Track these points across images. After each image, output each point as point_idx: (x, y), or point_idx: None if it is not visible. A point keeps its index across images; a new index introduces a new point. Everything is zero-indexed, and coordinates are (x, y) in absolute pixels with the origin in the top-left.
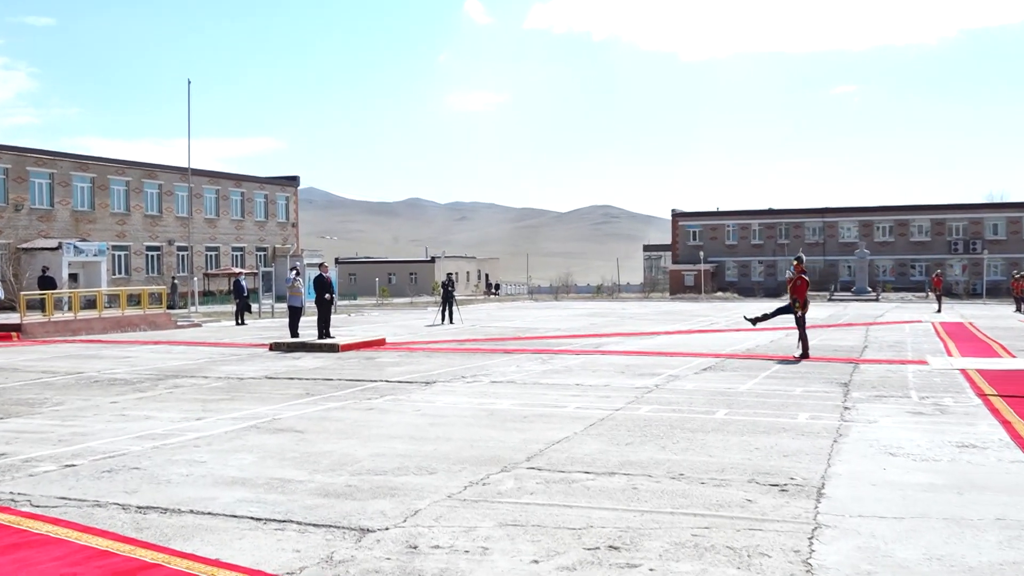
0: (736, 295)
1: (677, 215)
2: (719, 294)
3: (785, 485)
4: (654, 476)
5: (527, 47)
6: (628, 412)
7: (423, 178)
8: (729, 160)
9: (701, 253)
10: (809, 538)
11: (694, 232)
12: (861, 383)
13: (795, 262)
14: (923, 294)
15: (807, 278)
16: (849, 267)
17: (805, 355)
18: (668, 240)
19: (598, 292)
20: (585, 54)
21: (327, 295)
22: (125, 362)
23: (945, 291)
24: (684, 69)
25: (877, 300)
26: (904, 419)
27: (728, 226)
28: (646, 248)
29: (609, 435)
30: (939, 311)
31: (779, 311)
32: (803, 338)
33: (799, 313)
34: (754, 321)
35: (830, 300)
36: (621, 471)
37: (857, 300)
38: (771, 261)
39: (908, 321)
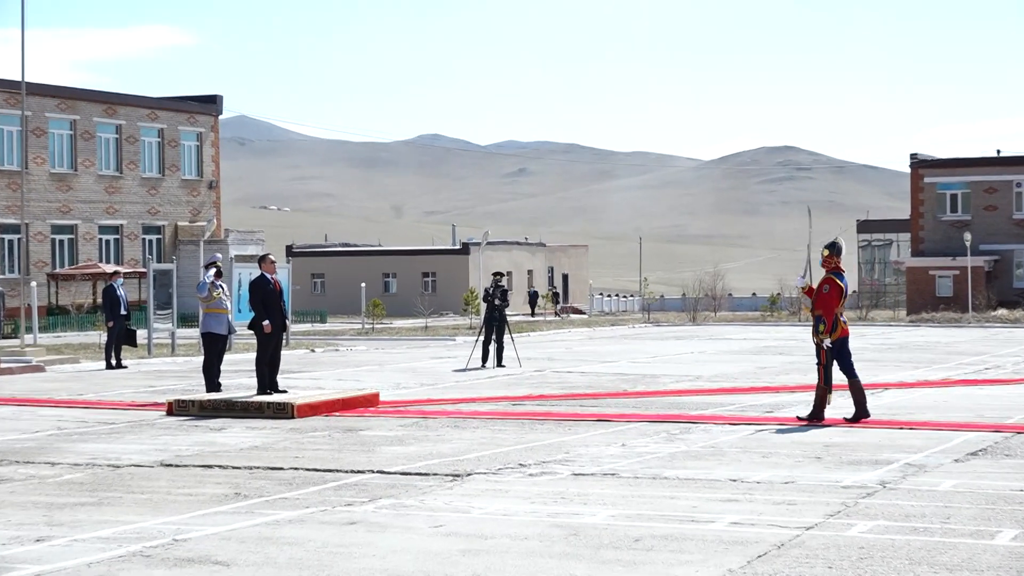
0: None
1: (920, 164)
2: (1001, 312)
3: None
4: None
5: None
6: (830, 532)
7: (446, 103)
8: (1014, 62)
9: (967, 236)
10: None
11: (953, 197)
12: None
13: (824, 252)
14: None
15: (841, 282)
16: None
17: (816, 416)
18: (903, 211)
19: (771, 308)
20: None
21: (266, 319)
22: None
23: None
24: None
25: None
26: None
27: (1021, 185)
28: (862, 226)
29: None
30: None
31: (821, 358)
32: (820, 386)
33: (825, 340)
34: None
35: None
36: None
37: None
38: None
39: None
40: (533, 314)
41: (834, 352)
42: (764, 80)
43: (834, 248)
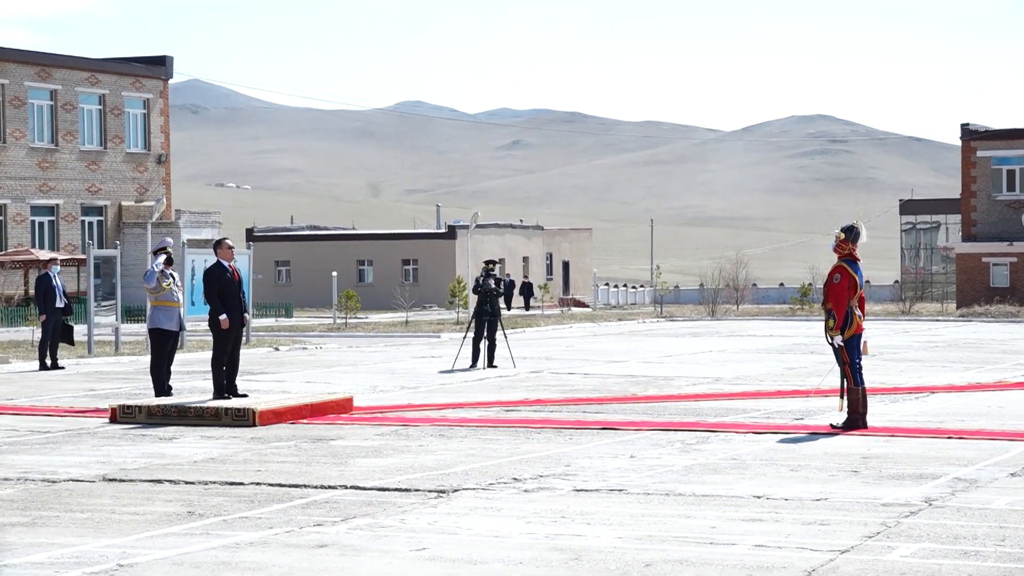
0: None
1: (973, 136)
2: None
3: None
4: None
5: None
6: (868, 556)
7: (429, 65)
8: None
9: None
10: None
11: (1010, 173)
12: None
13: (839, 235)
14: None
15: (855, 272)
16: None
17: (853, 423)
18: (953, 190)
19: (801, 301)
20: None
21: (223, 312)
22: None
23: None
24: None
25: None
26: None
27: None
28: (906, 207)
29: None
30: None
31: (839, 360)
32: (848, 388)
33: (835, 340)
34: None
35: None
36: None
37: None
38: None
39: None
40: (507, 308)
41: (851, 351)
42: (793, 40)
43: (851, 233)
